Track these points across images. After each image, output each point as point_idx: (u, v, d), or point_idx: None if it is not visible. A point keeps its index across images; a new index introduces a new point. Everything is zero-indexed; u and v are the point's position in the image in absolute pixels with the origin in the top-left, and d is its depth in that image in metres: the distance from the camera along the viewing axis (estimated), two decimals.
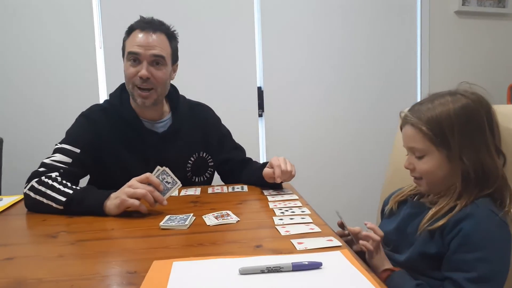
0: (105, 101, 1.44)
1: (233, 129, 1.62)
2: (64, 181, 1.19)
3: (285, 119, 2.51)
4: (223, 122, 1.59)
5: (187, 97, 1.54)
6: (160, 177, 1.14)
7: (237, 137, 1.62)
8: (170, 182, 1.15)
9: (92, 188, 1.18)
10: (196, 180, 1.48)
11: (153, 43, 1.30)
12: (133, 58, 1.30)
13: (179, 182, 1.16)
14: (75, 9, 2.24)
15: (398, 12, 2.59)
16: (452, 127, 0.89)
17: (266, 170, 1.30)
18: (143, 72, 1.29)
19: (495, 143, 0.92)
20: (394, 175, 1.37)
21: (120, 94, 1.41)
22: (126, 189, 1.09)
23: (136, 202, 1.07)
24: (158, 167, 1.16)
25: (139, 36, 1.30)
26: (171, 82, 1.46)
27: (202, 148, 1.47)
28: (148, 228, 0.98)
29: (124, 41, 1.36)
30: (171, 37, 1.37)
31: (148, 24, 1.32)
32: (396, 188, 1.13)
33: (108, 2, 2.27)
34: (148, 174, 1.12)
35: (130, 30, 1.34)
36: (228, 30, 2.40)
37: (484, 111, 0.91)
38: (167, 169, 1.16)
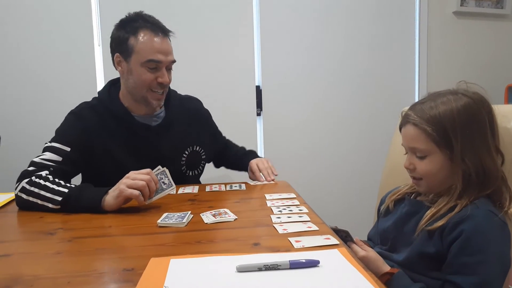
0: (93, 98, 1.42)
1: (232, 127, 1.62)
2: (56, 180, 1.18)
3: (284, 118, 2.50)
4: (221, 120, 1.59)
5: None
6: (158, 176, 1.14)
7: (236, 136, 1.62)
8: (166, 184, 1.16)
9: (88, 186, 1.18)
10: (190, 174, 1.48)
11: (170, 49, 1.32)
12: (154, 65, 1.29)
13: (174, 186, 1.16)
14: (73, 6, 2.23)
15: (397, 12, 2.59)
16: (455, 127, 0.89)
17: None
18: (166, 79, 1.31)
19: (495, 143, 0.92)
20: (391, 173, 1.37)
21: (108, 91, 1.40)
22: (124, 180, 1.09)
23: (135, 192, 1.07)
24: (159, 166, 1.16)
25: (156, 41, 1.29)
26: None
27: (195, 142, 1.47)
28: (146, 226, 0.98)
29: (126, 39, 1.31)
30: (169, 39, 1.37)
31: (157, 27, 1.31)
32: (393, 186, 1.13)
33: (107, 0, 2.26)
34: (149, 170, 1.12)
35: (135, 29, 1.30)
36: (227, 29, 2.39)
37: (486, 111, 0.91)
38: (167, 171, 1.16)
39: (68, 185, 1.16)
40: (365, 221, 1.47)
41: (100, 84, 2.28)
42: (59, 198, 1.11)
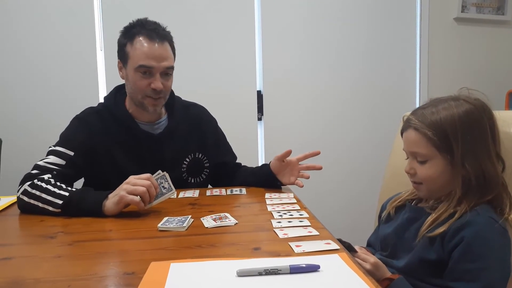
0: (99, 104, 1.43)
1: (233, 132, 1.62)
2: (58, 183, 1.18)
3: (285, 123, 2.51)
4: (222, 125, 1.59)
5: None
6: (158, 181, 1.14)
7: (237, 140, 1.62)
8: (166, 188, 1.15)
9: (89, 189, 1.18)
10: (192, 181, 1.48)
11: (164, 54, 1.30)
12: (146, 71, 1.28)
13: (174, 190, 1.16)
14: (76, 11, 2.25)
15: (398, 18, 2.60)
16: (456, 132, 0.89)
17: (274, 162, 1.38)
18: (159, 85, 1.29)
19: (496, 149, 0.93)
20: (392, 179, 1.37)
21: (114, 97, 1.40)
22: (125, 185, 1.09)
23: (136, 198, 1.07)
24: (160, 171, 1.16)
25: (149, 46, 1.28)
26: None
27: (197, 149, 1.47)
28: (146, 230, 0.98)
29: (124, 45, 1.32)
30: (172, 43, 1.36)
31: (154, 33, 1.30)
32: (394, 192, 1.13)
33: (109, 4, 2.28)
34: (149, 175, 1.12)
35: (132, 36, 1.30)
36: (228, 34, 2.41)
37: (487, 118, 0.92)
38: (167, 175, 1.16)
39: (69, 188, 1.16)
40: (367, 226, 1.47)
41: (102, 88, 2.30)
42: (60, 202, 1.12)
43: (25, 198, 1.16)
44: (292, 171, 1.38)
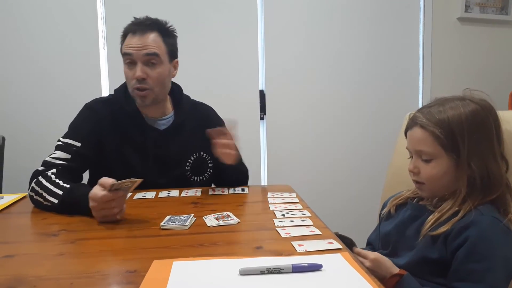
0: (110, 94, 1.46)
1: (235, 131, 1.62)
2: (57, 180, 1.18)
3: (287, 122, 2.51)
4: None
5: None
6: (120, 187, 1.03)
7: (239, 140, 1.62)
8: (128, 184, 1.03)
9: (77, 189, 1.13)
10: (195, 180, 1.48)
11: (145, 42, 1.30)
12: (129, 60, 1.31)
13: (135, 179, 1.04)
14: (79, 10, 2.25)
15: (401, 18, 2.59)
16: (463, 131, 0.89)
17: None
18: (138, 73, 1.30)
19: (501, 150, 0.92)
20: (394, 178, 1.37)
21: (124, 89, 1.41)
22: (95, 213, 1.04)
23: (111, 218, 1.03)
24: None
25: (131, 36, 1.32)
26: (174, 80, 1.47)
27: (202, 148, 1.47)
28: (149, 228, 0.98)
29: (120, 45, 1.37)
30: (165, 33, 1.36)
31: (138, 26, 1.33)
32: (396, 191, 1.13)
33: (112, 4, 2.28)
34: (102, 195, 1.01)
35: (125, 35, 1.35)
36: (231, 33, 2.41)
37: (492, 118, 0.92)
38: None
39: (65, 186, 1.15)
40: (369, 225, 1.46)
41: (105, 87, 2.30)
42: (56, 201, 1.12)
43: (34, 195, 1.18)
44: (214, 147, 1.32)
